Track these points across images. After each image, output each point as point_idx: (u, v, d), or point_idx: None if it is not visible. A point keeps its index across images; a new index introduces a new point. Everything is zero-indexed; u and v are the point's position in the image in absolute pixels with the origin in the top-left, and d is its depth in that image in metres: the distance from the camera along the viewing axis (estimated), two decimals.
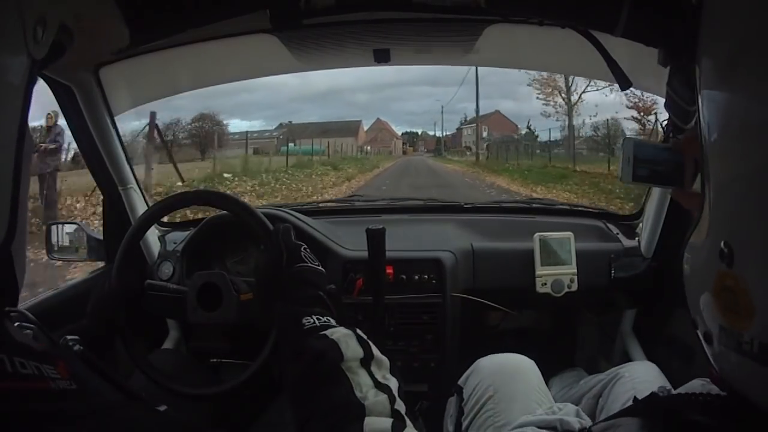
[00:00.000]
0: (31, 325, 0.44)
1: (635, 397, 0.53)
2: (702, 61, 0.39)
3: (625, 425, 0.47)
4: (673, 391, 0.62)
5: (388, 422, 0.45)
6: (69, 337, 0.61)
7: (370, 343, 0.53)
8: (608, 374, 0.92)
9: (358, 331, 0.54)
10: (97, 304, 0.79)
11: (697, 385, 0.57)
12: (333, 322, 0.57)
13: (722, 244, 0.35)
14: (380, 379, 0.50)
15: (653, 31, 0.55)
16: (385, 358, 0.53)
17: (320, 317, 0.57)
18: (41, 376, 0.33)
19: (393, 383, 0.51)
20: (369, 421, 0.44)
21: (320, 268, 0.68)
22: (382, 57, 1.09)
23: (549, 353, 1.42)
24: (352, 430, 0.43)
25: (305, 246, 0.70)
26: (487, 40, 1.01)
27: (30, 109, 0.33)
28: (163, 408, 0.50)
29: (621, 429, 0.47)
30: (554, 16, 0.68)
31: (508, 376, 0.85)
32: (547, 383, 1.24)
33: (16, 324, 0.41)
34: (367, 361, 0.51)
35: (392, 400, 0.48)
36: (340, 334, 0.52)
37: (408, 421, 0.46)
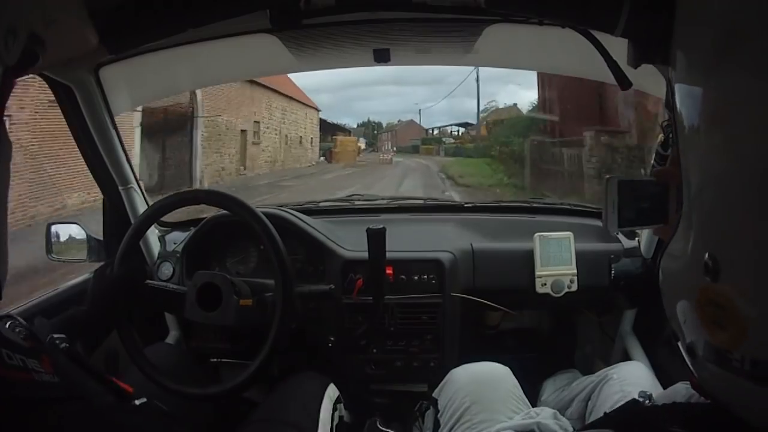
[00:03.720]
0: (22, 327, 0.45)
1: (624, 402, 0.52)
2: (678, 55, 0.36)
3: None
4: (655, 396, 0.61)
5: None
6: (55, 335, 0.63)
7: None
8: (597, 376, 0.92)
9: None
10: (98, 289, 0.80)
11: (681, 389, 0.56)
12: None
13: (706, 256, 0.32)
14: None
15: (653, 31, 0.55)
16: None
17: None
18: (26, 368, 0.34)
19: None
20: None
21: None
22: (381, 57, 1.09)
23: (549, 353, 1.43)
24: None
25: None
26: (487, 40, 1.01)
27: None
28: (141, 401, 0.51)
29: None
30: (554, 16, 0.68)
31: (483, 386, 0.85)
32: (541, 385, 1.24)
33: (8, 324, 0.42)
34: None
35: None
36: None
37: None
